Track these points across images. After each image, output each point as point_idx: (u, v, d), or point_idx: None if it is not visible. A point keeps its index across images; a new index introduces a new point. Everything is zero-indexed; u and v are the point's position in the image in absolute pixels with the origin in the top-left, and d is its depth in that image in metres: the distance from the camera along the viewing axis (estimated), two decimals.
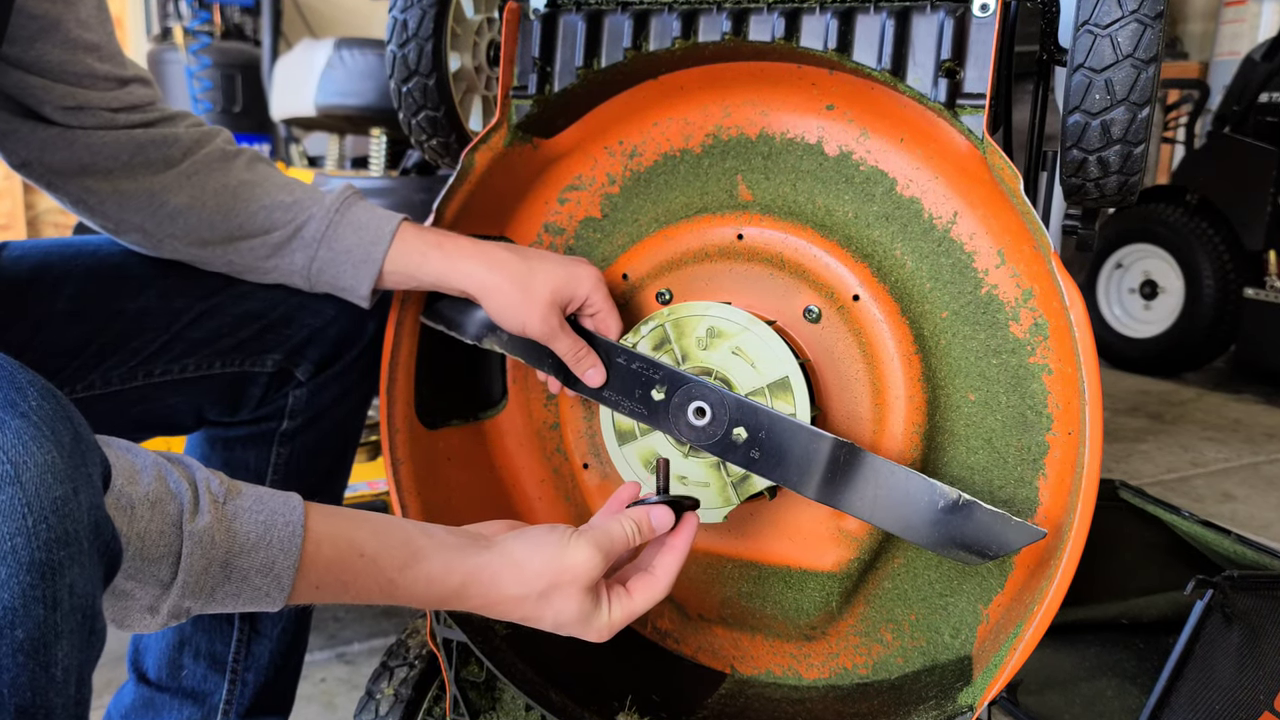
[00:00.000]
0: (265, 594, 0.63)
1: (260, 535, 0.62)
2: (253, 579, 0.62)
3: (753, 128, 0.95)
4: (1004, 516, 0.79)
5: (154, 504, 0.57)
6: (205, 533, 0.59)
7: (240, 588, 0.62)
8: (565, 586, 0.73)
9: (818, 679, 0.99)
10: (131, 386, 0.94)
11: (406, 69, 1.04)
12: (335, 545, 0.66)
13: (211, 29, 3.19)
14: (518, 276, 0.91)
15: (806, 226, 0.92)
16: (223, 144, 0.95)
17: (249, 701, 1.06)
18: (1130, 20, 0.76)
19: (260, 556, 0.62)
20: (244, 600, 0.62)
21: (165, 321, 0.94)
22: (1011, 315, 0.87)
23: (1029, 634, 0.76)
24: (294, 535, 0.63)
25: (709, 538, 0.97)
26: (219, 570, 0.60)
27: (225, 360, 0.97)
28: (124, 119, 0.89)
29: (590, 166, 1.03)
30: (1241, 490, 2.58)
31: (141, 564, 0.57)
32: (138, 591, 0.58)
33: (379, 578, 0.68)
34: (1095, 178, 0.81)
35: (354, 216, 0.93)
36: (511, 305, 0.91)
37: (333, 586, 0.66)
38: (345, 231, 0.92)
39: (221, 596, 0.61)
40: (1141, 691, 1.22)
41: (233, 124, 3.13)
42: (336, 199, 0.93)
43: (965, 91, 0.81)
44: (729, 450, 0.87)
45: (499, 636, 0.98)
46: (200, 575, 0.59)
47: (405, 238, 0.93)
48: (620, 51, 0.91)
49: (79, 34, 0.85)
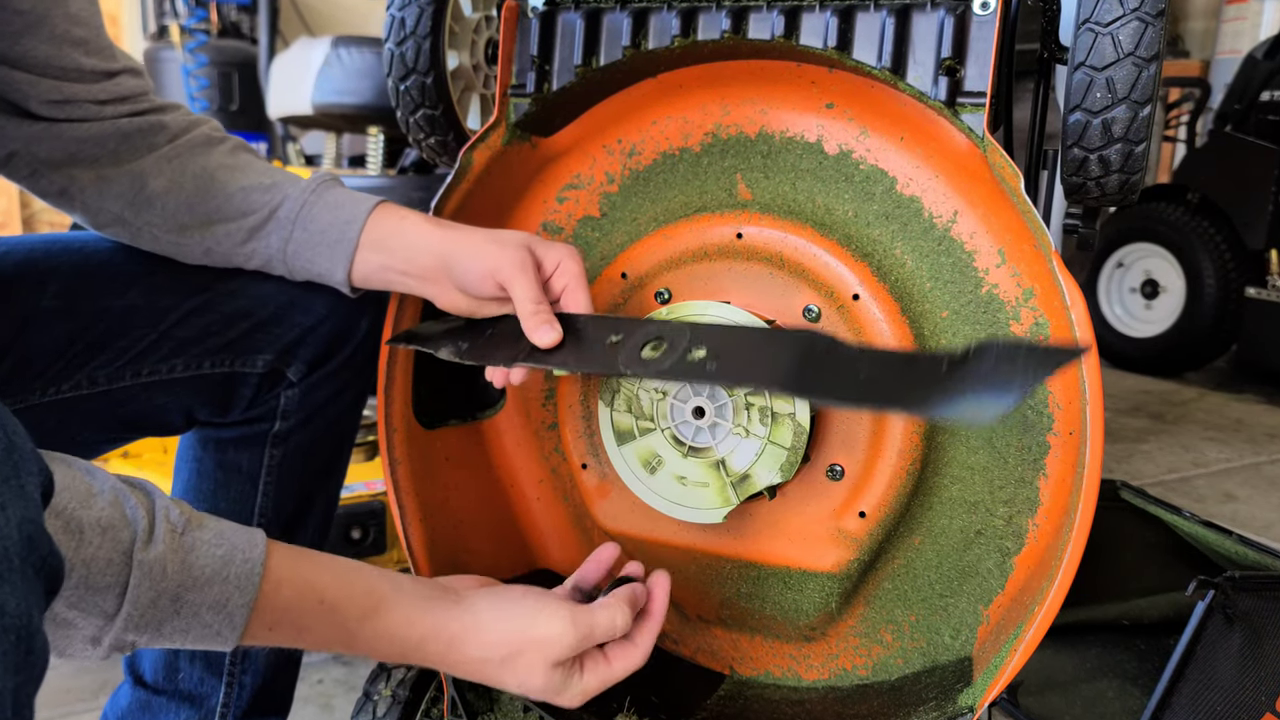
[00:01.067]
0: (216, 632, 0.61)
1: (216, 570, 0.60)
2: (204, 615, 0.60)
3: (752, 126, 0.95)
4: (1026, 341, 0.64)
5: (105, 529, 0.55)
6: (156, 562, 0.57)
7: (190, 624, 0.60)
8: (530, 655, 0.71)
9: (817, 680, 0.99)
10: (119, 386, 0.93)
11: (404, 67, 1.04)
12: (295, 588, 0.64)
13: (208, 27, 3.19)
14: (489, 233, 0.88)
15: (806, 225, 0.91)
16: (208, 130, 0.93)
17: (246, 704, 1.06)
18: (1131, 18, 0.76)
19: (214, 592, 0.60)
20: (192, 637, 0.60)
21: (152, 320, 0.93)
22: (1012, 315, 0.87)
23: (1029, 635, 0.76)
24: (252, 573, 0.61)
25: (708, 538, 0.97)
26: (168, 604, 0.58)
27: (215, 360, 0.95)
28: (110, 111, 0.88)
29: (589, 165, 1.03)
30: (1243, 490, 2.58)
31: (85, 593, 0.55)
32: (80, 621, 0.56)
33: (337, 627, 0.66)
34: (1096, 176, 0.80)
35: (330, 197, 0.91)
36: (482, 252, 0.86)
37: (287, 630, 0.64)
38: (320, 211, 0.90)
39: (169, 631, 0.59)
40: (1143, 693, 1.22)
41: (229, 123, 3.13)
42: (314, 181, 0.92)
43: (966, 90, 0.80)
44: (684, 371, 0.77)
45: None
46: (147, 608, 0.57)
47: (380, 215, 0.90)
48: (619, 50, 0.91)
49: (66, 28, 0.84)
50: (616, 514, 1.00)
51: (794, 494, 0.92)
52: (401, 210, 0.91)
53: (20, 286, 0.90)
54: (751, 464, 0.89)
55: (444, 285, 0.89)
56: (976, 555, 0.91)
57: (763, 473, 0.89)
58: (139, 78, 0.92)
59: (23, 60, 0.83)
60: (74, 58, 0.85)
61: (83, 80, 0.86)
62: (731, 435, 0.89)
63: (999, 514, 0.89)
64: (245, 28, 3.33)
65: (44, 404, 0.89)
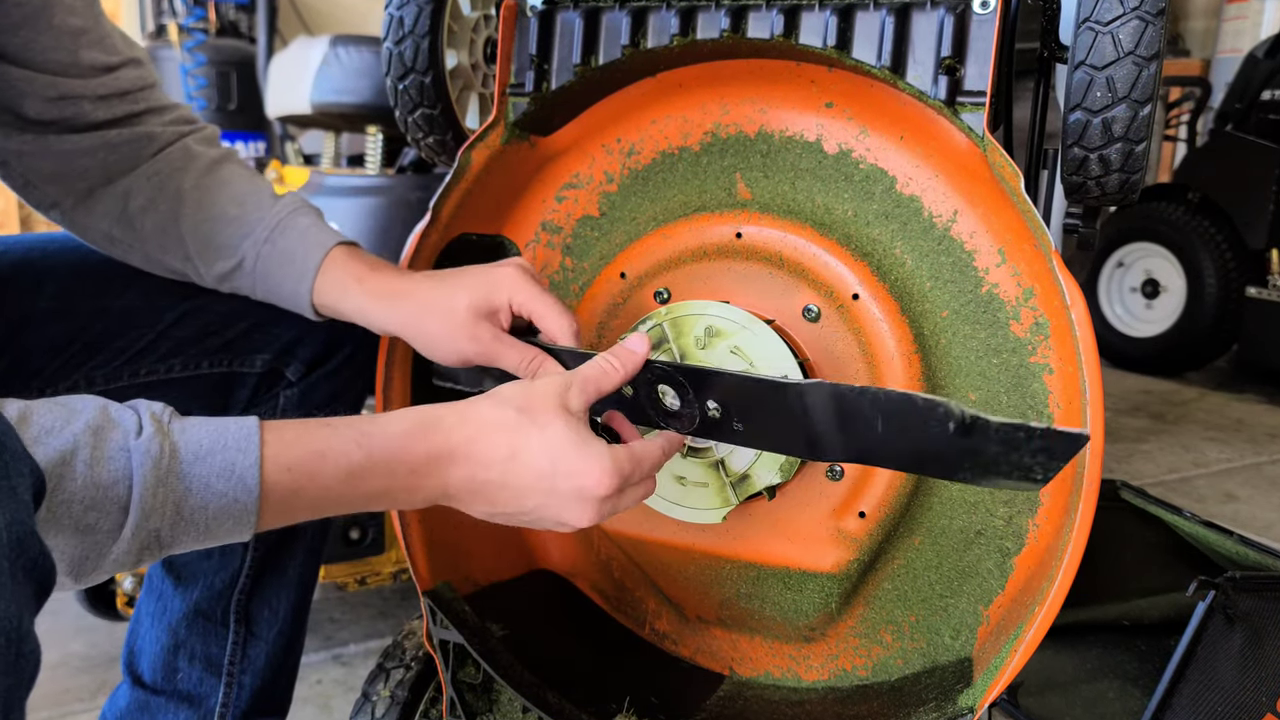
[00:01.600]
0: (234, 500, 0.60)
1: (214, 441, 0.60)
2: (215, 485, 0.59)
3: (751, 125, 0.95)
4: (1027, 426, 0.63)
5: (95, 431, 0.56)
6: (151, 443, 0.57)
7: (205, 498, 0.59)
8: (539, 404, 0.68)
9: (817, 681, 0.98)
10: (116, 386, 0.93)
11: (403, 66, 1.04)
12: (298, 427, 0.63)
13: (206, 26, 3.19)
14: (434, 305, 0.85)
15: (805, 225, 0.91)
16: (191, 143, 0.92)
17: (245, 705, 1.06)
18: (1132, 17, 0.76)
19: (217, 460, 0.59)
20: (213, 513, 0.59)
21: (150, 320, 0.93)
22: (1012, 314, 0.86)
23: (1030, 635, 0.76)
24: (250, 435, 0.61)
25: (707, 538, 0.97)
26: (176, 482, 0.58)
27: (213, 360, 0.95)
28: (104, 113, 0.87)
29: (588, 164, 1.02)
30: (1244, 491, 2.57)
31: (95, 491, 0.55)
32: (100, 521, 0.56)
33: (349, 430, 0.64)
34: (1096, 176, 0.80)
35: (284, 245, 0.89)
36: (439, 338, 0.85)
37: (306, 463, 0.62)
38: (274, 266, 0.88)
39: (189, 512, 0.59)
40: (1143, 693, 1.22)
41: (228, 122, 3.13)
42: (269, 226, 0.89)
43: (965, 89, 0.80)
44: (715, 430, 0.78)
45: (495, 638, 0.98)
46: (156, 488, 0.57)
47: (329, 271, 0.88)
48: (618, 49, 0.91)
49: (65, 19, 0.83)
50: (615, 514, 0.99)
51: (793, 494, 0.92)
52: (349, 265, 0.88)
53: (17, 286, 0.89)
54: (751, 464, 0.89)
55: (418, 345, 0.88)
56: (976, 555, 0.90)
57: (762, 473, 0.88)
58: (141, 68, 0.90)
59: (21, 53, 0.82)
60: (73, 50, 0.84)
61: (82, 75, 0.85)
62: None
63: (999, 514, 0.89)
64: (243, 26, 3.33)
65: None
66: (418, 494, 0.68)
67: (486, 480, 0.68)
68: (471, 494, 0.69)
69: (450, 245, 1.01)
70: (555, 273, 1.05)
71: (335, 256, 0.88)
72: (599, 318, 0.99)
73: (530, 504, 0.69)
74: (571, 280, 1.05)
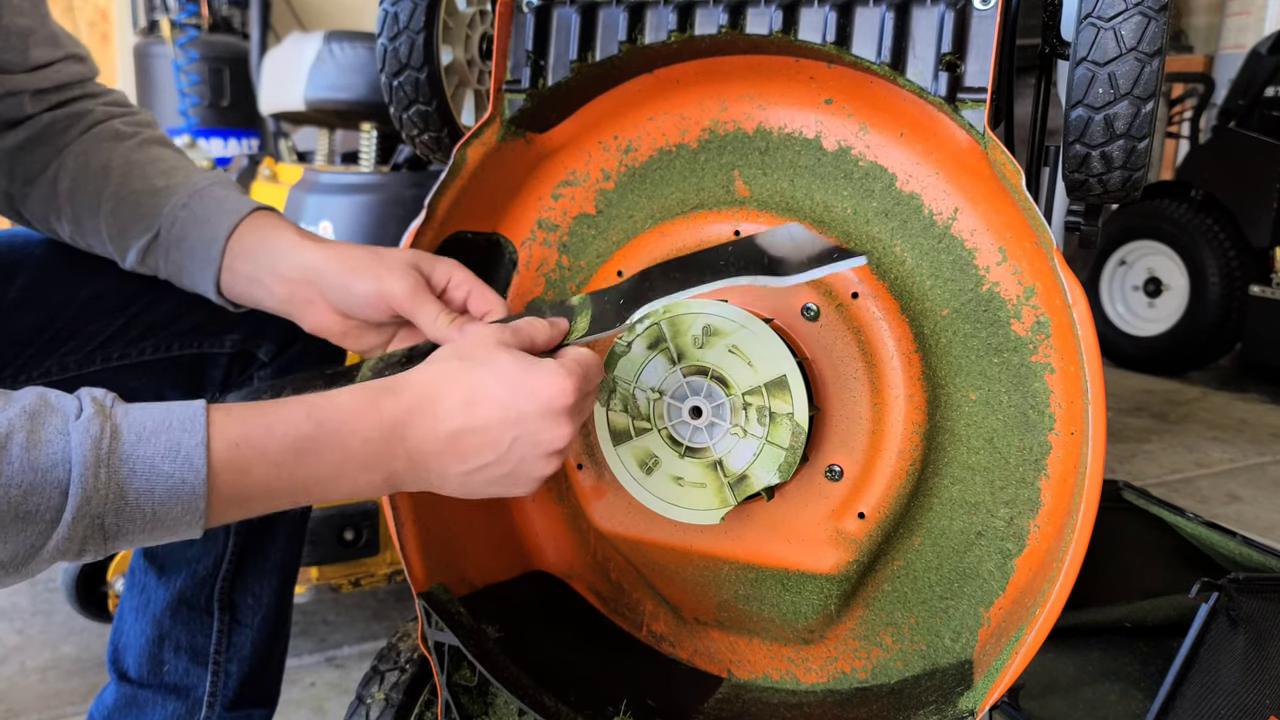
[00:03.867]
0: (181, 481, 0.58)
1: (159, 423, 0.58)
2: (161, 466, 0.57)
3: (750, 122, 0.94)
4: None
5: (31, 415, 0.55)
6: (91, 423, 0.56)
7: (152, 481, 0.57)
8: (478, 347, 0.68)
9: (816, 683, 0.98)
10: (89, 371, 0.93)
11: (397, 62, 1.03)
12: (245, 405, 0.62)
13: (199, 22, 3.19)
14: (367, 249, 0.85)
15: (804, 222, 0.90)
16: (120, 124, 0.91)
17: (234, 693, 1.06)
18: (1134, 13, 0.75)
19: (162, 441, 0.58)
20: (160, 497, 0.57)
21: (120, 304, 0.93)
22: (1013, 313, 0.86)
23: (1031, 637, 0.75)
24: (195, 415, 0.59)
25: (705, 539, 0.96)
26: (119, 464, 0.56)
27: (183, 342, 0.95)
28: (40, 106, 0.88)
29: (584, 162, 1.02)
30: (1247, 491, 2.57)
31: (34, 475, 0.54)
32: (40, 506, 0.54)
33: (298, 402, 0.63)
34: (1098, 173, 0.80)
35: (199, 210, 0.87)
36: (369, 272, 0.83)
37: (254, 437, 0.60)
38: (190, 228, 0.87)
39: (134, 496, 0.57)
40: (1145, 696, 1.21)
41: (221, 119, 3.13)
42: (188, 191, 0.88)
43: (966, 85, 0.79)
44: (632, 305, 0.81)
45: (491, 640, 0.97)
46: (97, 469, 0.55)
47: (250, 225, 0.87)
48: (615, 45, 0.90)
49: (13, 20, 0.83)
50: (612, 515, 0.99)
51: (792, 495, 0.92)
52: (276, 220, 0.88)
53: None
54: (749, 464, 0.88)
55: (315, 306, 0.86)
56: (977, 557, 0.90)
57: (761, 473, 0.88)
58: (82, 64, 0.91)
59: None
60: (22, 50, 0.85)
61: (26, 68, 0.86)
62: (729, 435, 0.88)
63: (1000, 515, 0.89)
64: (236, 22, 3.32)
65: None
66: (376, 470, 0.65)
67: (450, 432, 0.66)
68: (439, 455, 0.67)
69: (445, 243, 1.00)
70: (552, 271, 1.05)
71: (255, 216, 0.87)
72: None
73: (506, 439, 0.67)
74: (568, 279, 1.04)
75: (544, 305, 0.88)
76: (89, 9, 3.94)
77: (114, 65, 3.88)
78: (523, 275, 1.06)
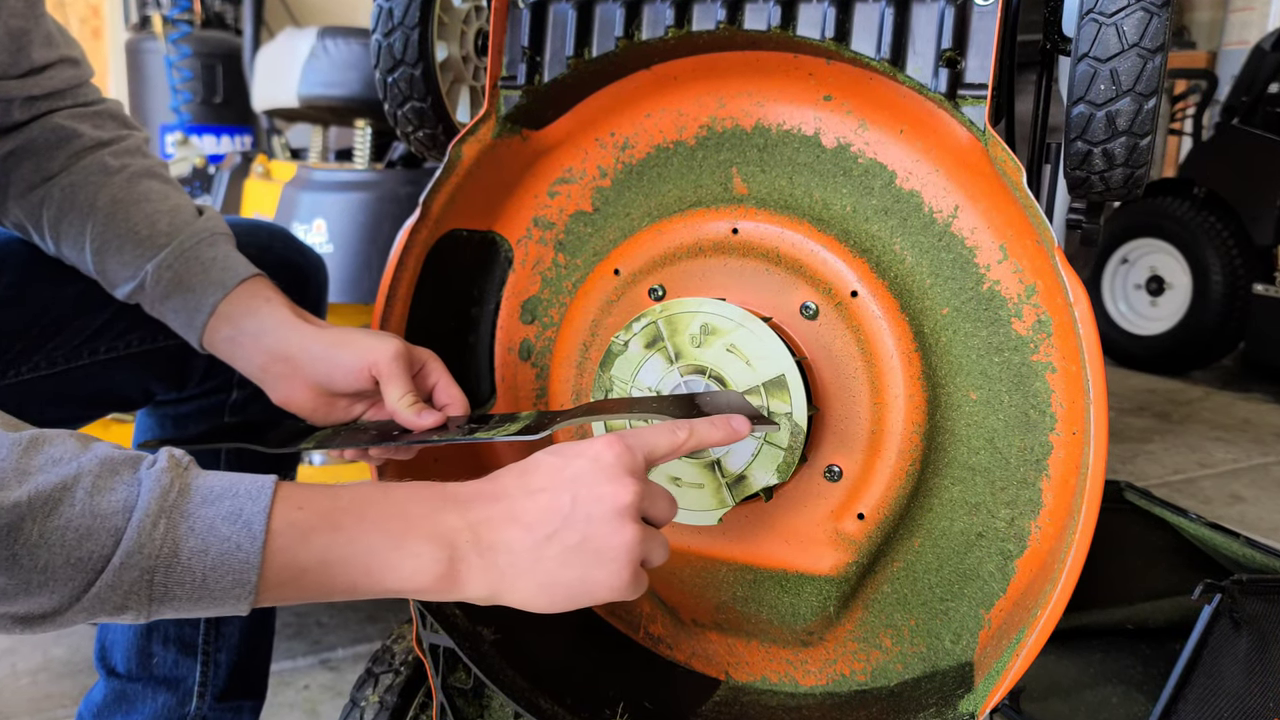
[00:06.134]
0: (236, 546, 0.57)
1: (226, 488, 0.58)
2: (220, 528, 0.57)
3: (748, 119, 0.94)
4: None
5: (104, 461, 0.55)
6: (163, 474, 0.56)
7: (206, 540, 0.56)
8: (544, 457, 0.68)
9: (815, 686, 0.97)
10: (78, 365, 0.94)
11: (392, 58, 1.03)
12: (311, 486, 0.62)
13: (191, 17, 3.18)
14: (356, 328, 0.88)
15: (803, 220, 0.90)
16: (109, 157, 0.92)
17: (223, 683, 1.06)
18: (1136, 8, 0.75)
19: (226, 505, 0.57)
20: (213, 560, 0.56)
21: (106, 299, 0.94)
22: (1014, 312, 0.85)
23: (1032, 639, 0.75)
24: (264, 486, 0.59)
25: (703, 540, 0.95)
26: (180, 519, 0.56)
27: (168, 332, 0.96)
28: (28, 114, 0.88)
29: (581, 159, 1.01)
30: (1250, 492, 2.56)
31: (93, 520, 0.54)
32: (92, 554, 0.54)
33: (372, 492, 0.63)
34: (1100, 170, 0.79)
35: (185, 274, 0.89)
36: (353, 338, 0.86)
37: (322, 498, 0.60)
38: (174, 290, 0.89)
39: (186, 555, 0.56)
40: (1148, 699, 1.21)
41: (213, 115, 3.12)
42: (173, 252, 0.89)
43: (966, 82, 0.79)
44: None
45: (487, 642, 0.97)
46: (156, 518, 0.55)
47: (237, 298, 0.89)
48: (612, 40, 0.90)
49: (7, 22, 0.84)
50: None
51: (791, 495, 0.91)
52: (267, 292, 0.90)
53: None
54: (748, 465, 0.87)
55: (289, 381, 0.88)
56: (978, 558, 0.89)
57: (759, 474, 0.87)
58: (76, 67, 0.92)
59: None
60: (14, 51, 0.85)
61: (20, 73, 0.86)
62: None
63: (1001, 516, 0.88)
64: (229, 18, 3.32)
65: (4, 387, 0.91)
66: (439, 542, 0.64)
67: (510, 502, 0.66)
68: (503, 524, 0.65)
69: (440, 241, 1.00)
70: (548, 269, 1.04)
71: (243, 289, 0.89)
72: (593, 315, 0.98)
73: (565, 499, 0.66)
74: (564, 277, 1.03)
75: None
76: (80, 5, 3.94)
77: (105, 61, 3.87)
78: (519, 273, 1.05)
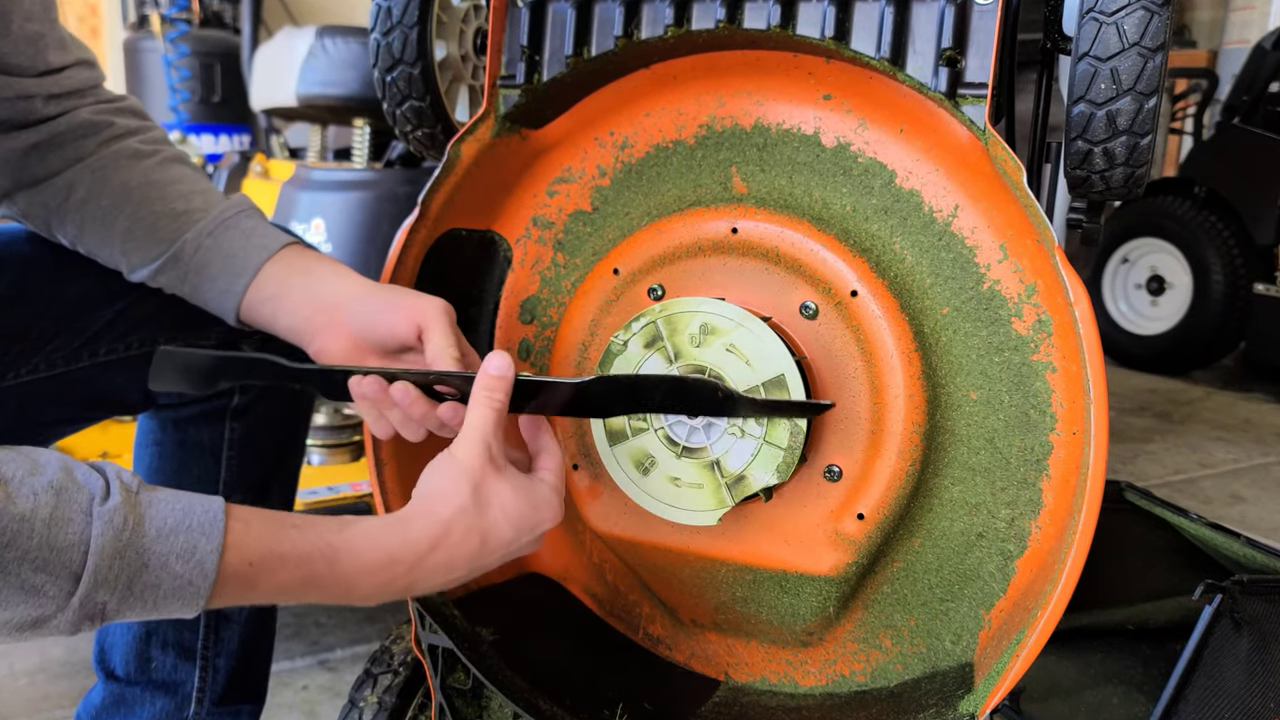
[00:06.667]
0: (188, 582, 0.59)
1: (179, 520, 0.60)
2: (173, 565, 0.59)
3: (747, 118, 0.93)
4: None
5: (58, 491, 0.56)
6: (116, 513, 0.57)
7: (160, 576, 0.58)
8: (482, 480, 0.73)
9: (814, 687, 0.97)
10: (78, 367, 0.94)
11: (391, 57, 1.03)
12: (264, 521, 0.64)
13: (189, 16, 3.18)
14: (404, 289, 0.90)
15: (803, 220, 0.90)
16: (138, 143, 0.93)
17: (222, 688, 1.06)
18: (1137, 7, 0.75)
19: (179, 541, 0.59)
20: (164, 592, 0.59)
21: (107, 300, 0.94)
22: (1014, 311, 0.85)
23: (1032, 640, 0.75)
24: (215, 519, 0.61)
25: (702, 541, 0.95)
26: (134, 556, 0.57)
27: (169, 335, 0.96)
28: (54, 109, 0.89)
29: (580, 158, 1.01)
30: (1251, 492, 2.56)
31: (49, 552, 0.54)
32: (48, 585, 0.55)
33: (317, 540, 0.65)
34: (1100, 170, 0.79)
35: (225, 243, 0.90)
36: (402, 294, 0.88)
37: (268, 562, 0.63)
38: (213, 257, 0.90)
39: (140, 589, 0.58)
40: (1148, 699, 1.21)
41: (211, 114, 3.12)
42: (212, 221, 0.90)
43: (967, 81, 0.79)
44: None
45: (486, 643, 0.96)
46: (113, 560, 0.56)
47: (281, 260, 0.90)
48: (611, 39, 0.90)
49: (23, 25, 0.84)
50: (608, 516, 0.98)
51: (791, 495, 0.91)
52: (312, 253, 0.92)
53: None
54: (747, 465, 0.87)
55: (330, 331, 0.88)
56: (978, 558, 0.89)
57: (759, 474, 0.87)
58: (91, 69, 0.92)
59: None
60: (31, 54, 0.86)
61: (37, 73, 0.87)
62: (726, 435, 0.87)
63: (1001, 516, 0.88)
64: (228, 17, 3.32)
65: (3, 389, 0.91)
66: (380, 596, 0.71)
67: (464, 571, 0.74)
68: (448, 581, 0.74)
69: (439, 241, 1.00)
70: (547, 269, 1.04)
71: (287, 252, 0.91)
72: (592, 315, 0.98)
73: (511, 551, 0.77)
74: (564, 277, 1.03)
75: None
76: (78, 3, 3.94)
77: (104, 60, 3.86)
78: (518, 273, 1.05)
